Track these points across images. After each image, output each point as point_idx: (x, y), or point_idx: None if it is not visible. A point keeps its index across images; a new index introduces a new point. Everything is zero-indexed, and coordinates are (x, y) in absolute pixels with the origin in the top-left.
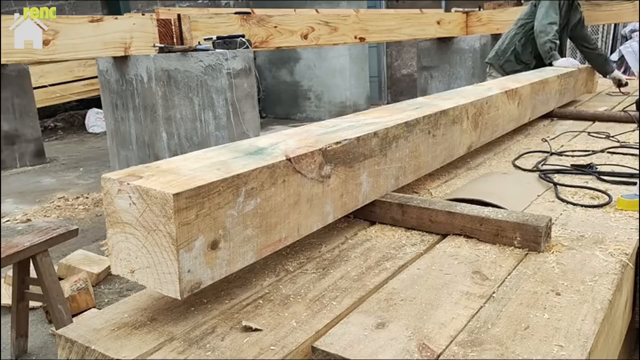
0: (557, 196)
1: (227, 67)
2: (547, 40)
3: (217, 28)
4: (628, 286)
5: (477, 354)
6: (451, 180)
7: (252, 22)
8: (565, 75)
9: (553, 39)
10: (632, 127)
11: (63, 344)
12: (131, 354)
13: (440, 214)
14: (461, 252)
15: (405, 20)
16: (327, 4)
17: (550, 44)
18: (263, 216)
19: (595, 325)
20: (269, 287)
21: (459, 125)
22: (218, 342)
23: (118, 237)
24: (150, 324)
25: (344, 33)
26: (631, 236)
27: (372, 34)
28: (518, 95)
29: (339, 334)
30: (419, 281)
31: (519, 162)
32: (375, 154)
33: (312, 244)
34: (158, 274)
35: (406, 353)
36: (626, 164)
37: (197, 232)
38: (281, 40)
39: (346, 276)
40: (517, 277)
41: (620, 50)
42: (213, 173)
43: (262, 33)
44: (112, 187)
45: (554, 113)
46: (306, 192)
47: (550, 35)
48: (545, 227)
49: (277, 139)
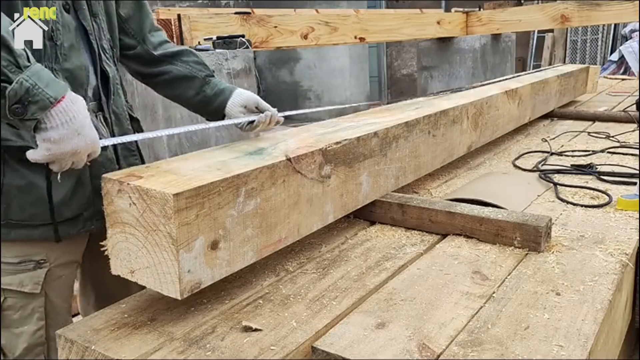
0: (557, 196)
1: (227, 67)
2: None
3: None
4: (628, 286)
5: (477, 354)
6: (451, 180)
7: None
8: (565, 75)
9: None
10: (632, 127)
11: (63, 344)
12: (131, 354)
13: (440, 214)
14: (461, 252)
15: (405, 20)
16: (327, 4)
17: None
18: (263, 216)
19: (595, 325)
20: (269, 287)
21: (459, 125)
22: (218, 342)
23: (118, 237)
24: (150, 324)
25: (344, 33)
26: (631, 236)
27: (372, 34)
28: (518, 95)
29: (339, 334)
30: (419, 281)
31: (519, 162)
32: (375, 154)
33: (312, 244)
34: (158, 274)
35: (406, 353)
36: (626, 164)
37: (197, 232)
38: (281, 40)
39: (346, 276)
40: (517, 277)
41: (620, 50)
42: (213, 173)
43: (262, 33)
44: (112, 187)
45: (554, 113)
46: (306, 192)
47: None
48: (545, 227)
49: (277, 139)
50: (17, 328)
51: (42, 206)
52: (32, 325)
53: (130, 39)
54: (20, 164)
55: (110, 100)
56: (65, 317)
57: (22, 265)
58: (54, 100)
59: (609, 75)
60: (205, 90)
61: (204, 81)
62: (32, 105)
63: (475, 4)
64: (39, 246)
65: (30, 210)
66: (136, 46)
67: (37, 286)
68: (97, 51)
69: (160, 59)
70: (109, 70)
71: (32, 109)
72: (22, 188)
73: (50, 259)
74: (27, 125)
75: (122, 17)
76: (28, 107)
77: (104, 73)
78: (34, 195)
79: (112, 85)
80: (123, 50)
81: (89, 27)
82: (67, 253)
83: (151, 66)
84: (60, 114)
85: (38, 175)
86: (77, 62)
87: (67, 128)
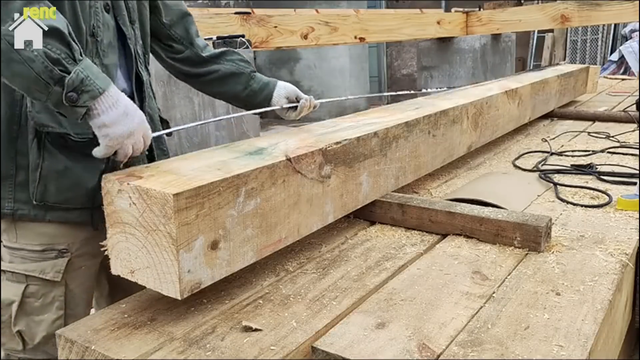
0: (557, 196)
1: None
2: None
3: (217, 28)
4: (628, 286)
5: (477, 354)
6: (451, 180)
7: (252, 22)
8: (565, 75)
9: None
10: (632, 127)
11: (63, 344)
12: (131, 354)
13: (440, 214)
14: (461, 252)
15: (405, 20)
16: (327, 4)
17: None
18: (263, 216)
19: (595, 325)
20: (269, 287)
21: (459, 125)
22: (218, 342)
23: (118, 237)
24: (150, 324)
25: (344, 33)
26: (631, 236)
27: (372, 34)
28: (518, 95)
29: (339, 334)
30: (419, 281)
31: (519, 162)
32: (375, 154)
33: (312, 244)
34: (158, 274)
35: (406, 353)
36: (626, 164)
37: (197, 232)
38: (281, 40)
39: (346, 276)
40: (517, 277)
41: (620, 50)
42: (213, 173)
43: (262, 33)
44: (112, 187)
45: (554, 113)
46: (306, 192)
47: None
48: (545, 227)
49: (277, 139)
50: (38, 316)
51: (78, 190)
52: (52, 314)
53: (177, 44)
54: (59, 149)
55: (145, 103)
56: (84, 308)
57: (45, 254)
58: (102, 91)
59: (609, 75)
60: (252, 85)
61: (249, 76)
62: (84, 94)
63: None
64: (64, 235)
65: (67, 194)
66: (184, 50)
67: (58, 274)
68: (134, 56)
69: (208, 60)
70: (143, 75)
71: (85, 97)
72: (60, 172)
73: (72, 249)
74: (77, 111)
75: (165, 25)
76: (81, 95)
77: (139, 77)
78: (71, 180)
79: (146, 89)
80: (171, 54)
81: (128, 33)
82: (89, 244)
83: (200, 67)
84: (106, 100)
85: (74, 161)
86: (112, 60)
87: (114, 110)
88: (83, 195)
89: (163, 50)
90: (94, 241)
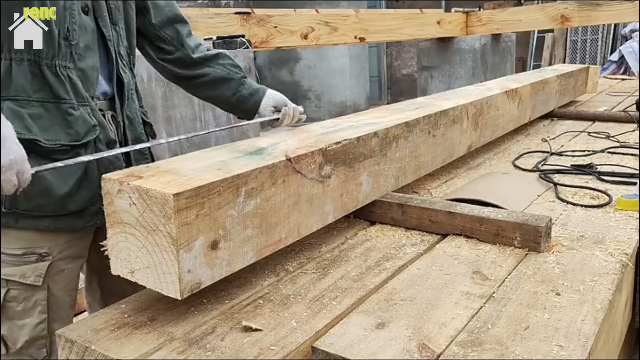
0: (557, 196)
1: None
2: None
3: (217, 28)
4: (628, 286)
5: (477, 354)
6: (451, 180)
7: (252, 22)
8: (565, 75)
9: None
10: (632, 127)
11: (63, 344)
12: (131, 354)
13: (440, 214)
14: (461, 252)
15: (405, 20)
16: (327, 4)
17: None
18: (263, 216)
19: (595, 325)
20: (269, 287)
21: (459, 125)
22: (218, 342)
23: (118, 237)
24: (150, 324)
25: (344, 33)
26: (631, 236)
27: (372, 34)
28: (518, 95)
29: (339, 334)
30: (419, 281)
31: (519, 162)
32: (375, 154)
33: (312, 244)
34: (158, 274)
35: (406, 353)
36: (626, 164)
37: (197, 232)
38: (281, 40)
39: (346, 276)
40: (517, 277)
41: (620, 50)
42: (213, 173)
43: (262, 33)
44: (112, 187)
45: (554, 113)
46: (306, 192)
47: None
48: (545, 227)
49: (277, 139)
50: (20, 320)
51: (48, 198)
52: (35, 318)
53: (167, 45)
54: (28, 155)
55: (125, 105)
56: (67, 311)
57: (25, 257)
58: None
59: (609, 75)
60: (241, 91)
61: (239, 82)
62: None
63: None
64: (44, 238)
65: (37, 200)
66: (175, 51)
67: (39, 278)
68: (115, 57)
69: (199, 62)
70: (124, 76)
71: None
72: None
73: (54, 252)
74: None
75: (155, 26)
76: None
77: (120, 79)
78: (40, 187)
79: (127, 91)
80: (162, 55)
81: (108, 34)
82: (71, 247)
83: (190, 69)
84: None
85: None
86: (90, 63)
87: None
88: (54, 203)
89: (154, 51)
90: (75, 243)
